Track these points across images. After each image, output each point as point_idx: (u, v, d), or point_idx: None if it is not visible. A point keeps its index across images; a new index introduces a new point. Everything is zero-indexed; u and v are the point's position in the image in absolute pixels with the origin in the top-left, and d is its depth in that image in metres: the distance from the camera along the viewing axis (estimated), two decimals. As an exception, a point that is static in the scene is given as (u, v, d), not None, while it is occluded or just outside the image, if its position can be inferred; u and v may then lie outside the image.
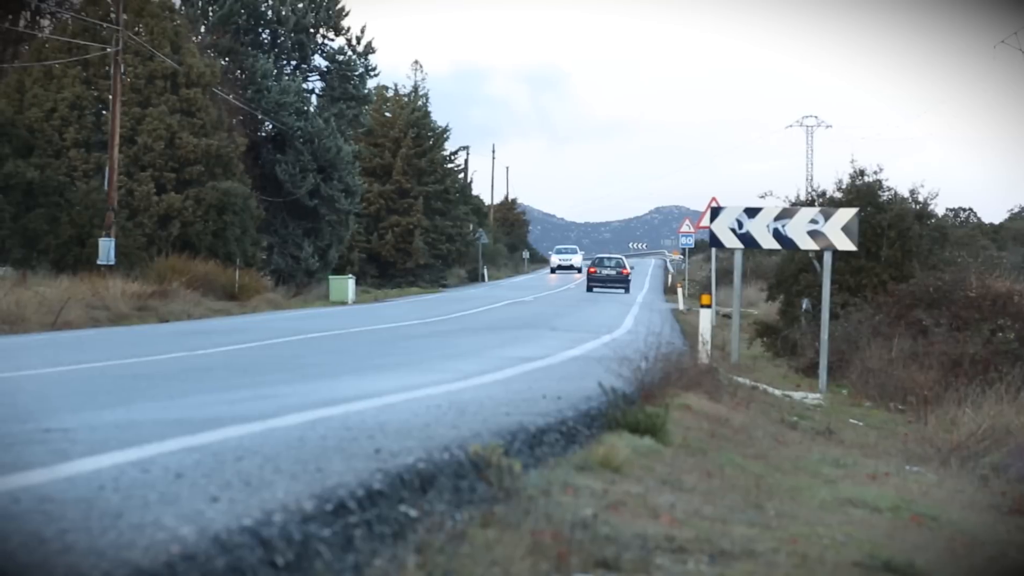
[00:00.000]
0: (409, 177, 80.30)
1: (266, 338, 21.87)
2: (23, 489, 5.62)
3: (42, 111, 48.68)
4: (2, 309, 29.67)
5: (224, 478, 5.98)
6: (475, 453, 7.29)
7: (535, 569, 5.67)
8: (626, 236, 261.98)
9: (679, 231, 65.16)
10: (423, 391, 11.46)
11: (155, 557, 4.42)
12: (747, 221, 23.09)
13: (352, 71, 62.85)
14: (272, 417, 8.83)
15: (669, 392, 12.29)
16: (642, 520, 7.10)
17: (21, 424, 8.44)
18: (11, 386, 12.09)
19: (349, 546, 5.48)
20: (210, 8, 59.90)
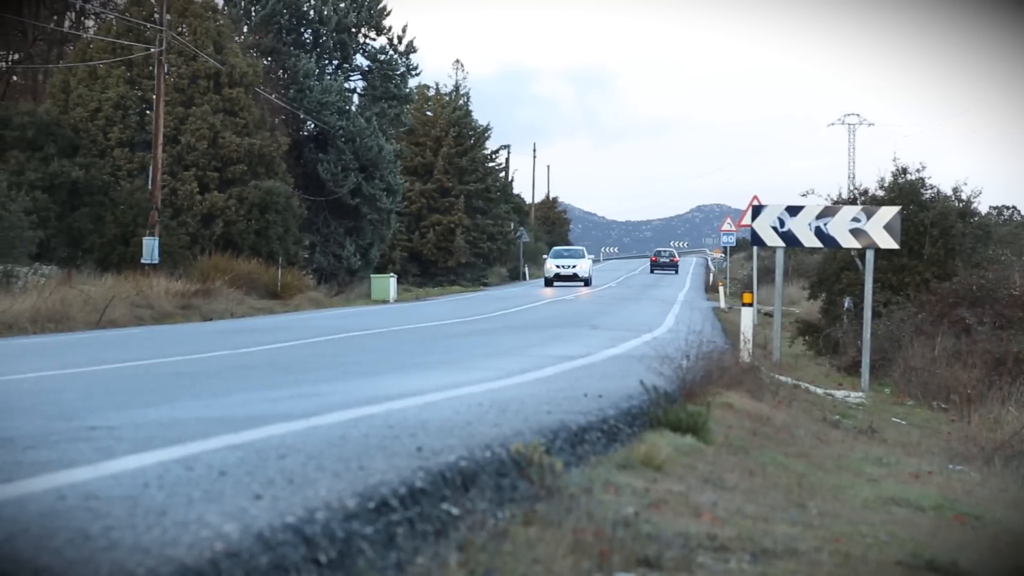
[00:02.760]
0: (450, 176, 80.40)
1: (308, 336, 21.94)
2: (69, 486, 5.66)
3: (87, 111, 48.99)
4: (48, 308, 29.87)
5: (267, 476, 6.02)
6: (517, 451, 7.30)
7: (577, 567, 5.67)
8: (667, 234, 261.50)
9: (720, 229, 65.03)
10: (465, 389, 11.47)
11: (199, 554, 4.45)
12: (789, 219, 23.00)
13: (394, 70, 62.94)
14: (314, 415, 8.86)
15: (711, 391, 12.26)
16: (684, 519, 7.10)
17: (67, 422, 8.51)
18: (57, 384, 12.17)
19: (391, 544, 5.50)
20: (253, 8, 60.12)
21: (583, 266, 66.89)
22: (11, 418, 8.85)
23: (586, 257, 69.36)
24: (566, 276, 66.01)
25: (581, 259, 68.17)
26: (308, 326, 26.61)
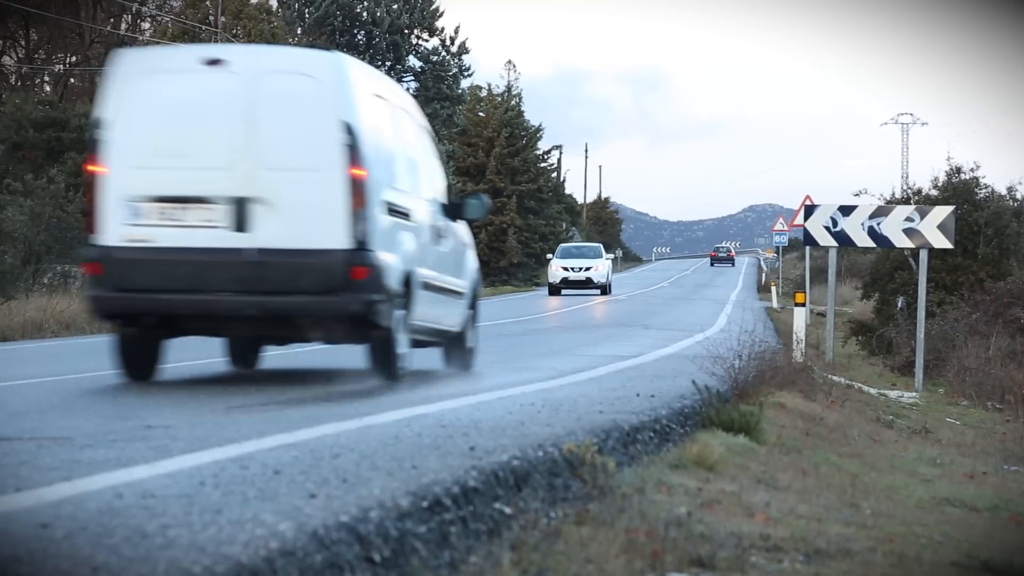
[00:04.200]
0: (502, 176, 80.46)
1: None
2: (126, 484, 5.72)
3: (141, 113, 49.37)
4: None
5: (321, 475, 6.06)
6: (569, 451, 7.32)
7: (629, 567, 5.69)
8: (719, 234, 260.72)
9: (772, 229, 64.83)
10: (517, 389, 11.50)
11: (254, 552, 4.49)
12: (841, 219, 22.91)
13: (446, 71, 63.11)
14: (368, 415, 8.91)
15: (763, 390, 12.24)
16: (737, 518, 7.09)
17: (124, 421, 8.59)
18: (114, 383, 12.28)
19: (445, 543, 5.53)
20: (306, 10, 60.42)
21: (599, 268, 53.57)
22: (70, 417, 8.95)
23: (604, 257, 55.39)
24: (577, 282, 53.04)
25: (597, 259, 54.46)
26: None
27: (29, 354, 18.44)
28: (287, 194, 11.65)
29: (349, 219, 11.56)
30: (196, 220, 11.73)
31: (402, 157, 12.84)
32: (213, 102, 11.89)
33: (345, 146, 11.58)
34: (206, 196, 11.71)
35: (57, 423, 8.54)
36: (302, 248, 11.61)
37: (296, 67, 12.08)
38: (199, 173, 11.77)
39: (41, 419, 8.88)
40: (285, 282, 11.63)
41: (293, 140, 11.74)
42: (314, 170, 11.64)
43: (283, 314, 11.79)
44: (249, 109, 11.75)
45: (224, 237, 11.65)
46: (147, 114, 11.99)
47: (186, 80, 12.05)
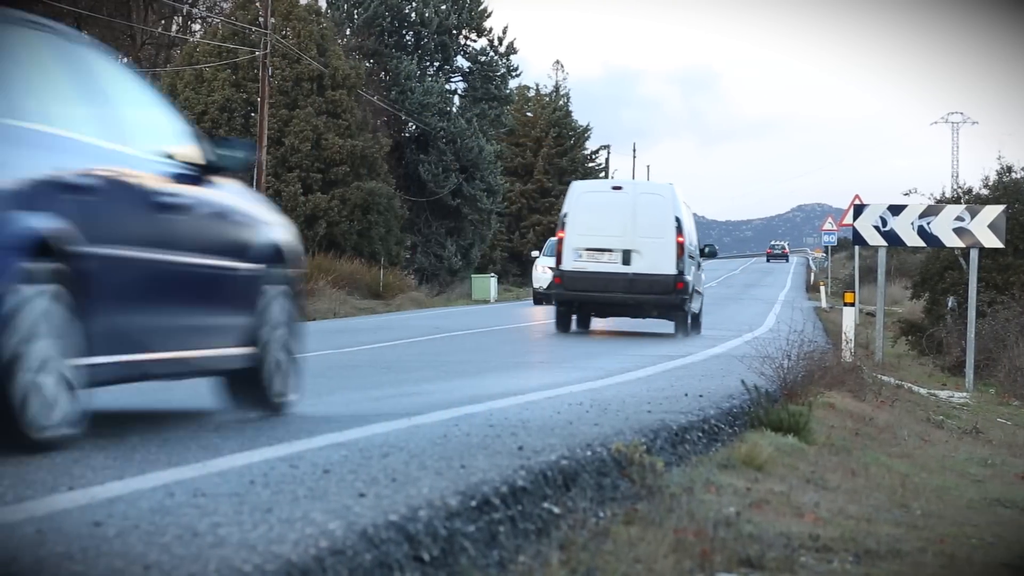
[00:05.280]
0: (550, 176, 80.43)
1: (410, 336, 22.09)
2: (177, 483, 5.76)
3: (193, 114, 49.65)
4: (154, 308, 30.30)
5: (370, 474, 6.08)
6: (617, 451, 7.32)
7: (678, 567, 5.68)
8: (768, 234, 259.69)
9: (821, 229, 64.55)
10: (565, 389, 11.51)
11: (304, 551, 4.51)
12: (891, 219, 22.79)
13: (494, 72, 63.14)
14: (417, 414, 8.93)
15: (812, 390, 12.20)
16: (786, 519, 7.08)
17: (174, 420, 8.65)
18: (163, 383, 12.36)
19: (493, 542, 5.54)
20: (355, 11, 60.59)
21: None
22: (122, 416, 9.01)
23: None
24: None
25: None
26: (410, 326, 26.79)
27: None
28: (648, 248, 23.94)
29: (675, 260, 23.87)
30: (605, 259, 24.26)
31: (691, 233, 25.29)
32: (616, 206, 24.41)
33: (675, 227, 24.06)
34: (611, 248, 24.22)
35: (109, 422, 8.60)
36: (654, 273, 23.88)
37: (655, 191, 25.12)
38: (608, 239, 24.19)
39: (93, 419, 8.95)
40: (646, 289, 23.93)
41: (652, 225, 24.02)
42: (661, 238, 23.95)
43: (644, 304, 24.35)
44: (632, 209, 24.20)
45: (618, 267, 24.16)
46: (585, 210, 24.39)
47: (603, 195, 25.13)
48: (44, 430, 6.71)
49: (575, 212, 24.22)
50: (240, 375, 8.83)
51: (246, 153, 8.81)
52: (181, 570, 4.18)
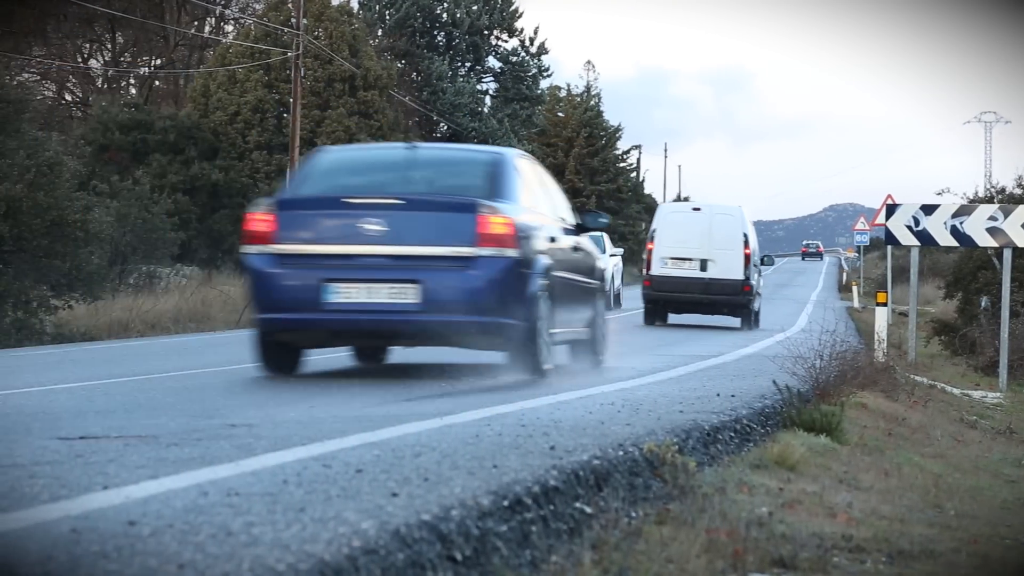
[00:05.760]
0: (582, 176, 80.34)
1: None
2: (211, 482, 5.79)
3: (226, 115, 49.82)
4: (189, 308, 30.47)
5: (403, 474, 6.09)
6: (649, 451, 7.32)
7: (711, 567, 5.68)
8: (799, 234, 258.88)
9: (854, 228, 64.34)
10: (597, 389, 11.49)
11: (337, 550, 4.53)
12: (924, 218, 22.71)
13: (525, 72, 63.16)
14: (449, 414, 8.95)
15: (845, 390, 12.15)
16: (818, 519, 7.06)
17: (208, 420, 8.69)
18: (199, 382, 12.42)
19: (526, 542, 5.55)
20: (387, 12, 60.70)
21: None
22: (156, 416, 9.06)
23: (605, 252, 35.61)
24: None
25: None
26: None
27: (115, 353, 18.68)
28: (721, 258, 28.90)
29: (743, 268, 28.85)
30: (686, 266, 29.15)
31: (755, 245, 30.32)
32: (695, 223, 29.43)
33: (742, 241, 29.11)
34: (691, 257, 29.21)
35: (143, 421, 8.65)
36: (726, 278, 28.87)
37: (727, 212, 29.85)
38: (689, 249, 29.16)
39: (127, 418, 9.00)
40: (719, 291, 28.87)
41: (724, 239, 29.03)
42: (731, 250, 28.95)
43: (717, 303, 29.30)
44: (709, 226, 29.13)
45: (696, 273, 29.12)
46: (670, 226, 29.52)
47: (685, 215, 30.29)
48: (543, 365, 12.36)
49: (662, 228, 29.80)
50: (582, 344, 14.35)
51: (600, 221, 14.95)
52: (215, 569, 4.20)
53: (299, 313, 11.81)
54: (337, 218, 11.81)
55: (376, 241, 11.59)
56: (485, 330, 11.77)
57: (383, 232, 11.57)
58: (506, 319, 11.65)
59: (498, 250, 11.53)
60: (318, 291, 11.67)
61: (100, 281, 27.99)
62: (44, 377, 13.56)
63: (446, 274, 11.55)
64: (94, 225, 27.01)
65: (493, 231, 11.53)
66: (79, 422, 8.71)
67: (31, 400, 10.61)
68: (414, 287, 11.56)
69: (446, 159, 13.73)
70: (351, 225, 11.69)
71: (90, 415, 9.22)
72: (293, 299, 11.78)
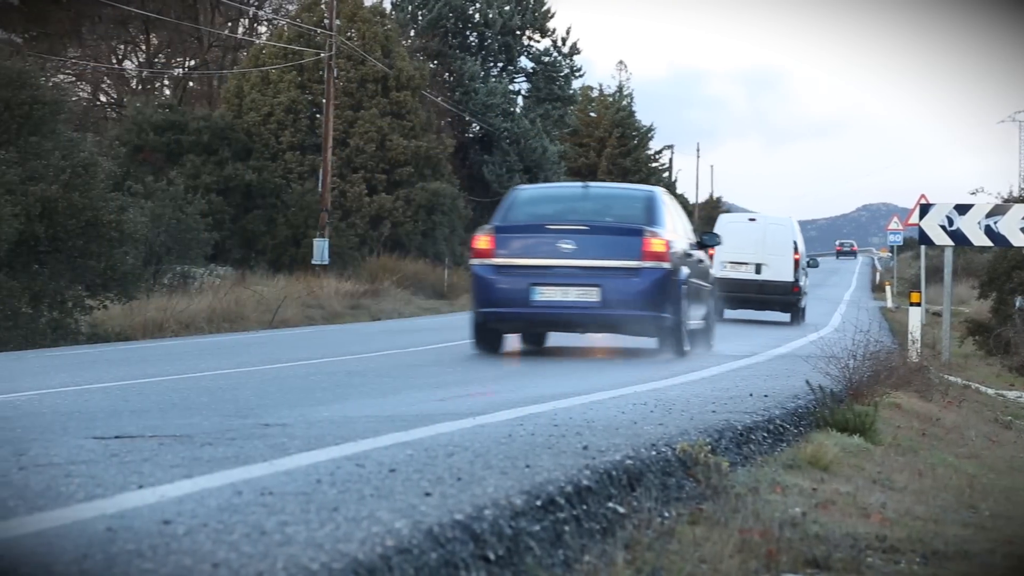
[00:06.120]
0: (614, 176, 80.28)
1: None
2: (245, 482, 5.81)
3: (259, 115, 49.96)
4: (223, 308, 30.57)
5: (436, 473, 6.11)
6: (682, 451, 7.31)
7: (744, 567, 5.67)
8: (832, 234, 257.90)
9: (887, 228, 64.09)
10: (629, 388, 11.49)
11: (371, 550, 4.54)
12: (957, 218, 22.61)
13: (558, 72, 63.15)
14: (481, 414, 8.96)
15: (878, 391, 12.11)
16: (852, 519, 7.04)
17: (242, 419, 8.72)
18: (233, 382, 12.47)
19: (559, 542, 5.55)
20: (419, 12, 60.77)
21: None
22: (190, 415, 9.10)
23: None
24: None
25: None
26: (474, 326, 26.75)
27: (149, 353, 18.77)
28: (773, 262, 32.15)
29: (793, 271, 32.22)
30: (743, 269, 32.07)
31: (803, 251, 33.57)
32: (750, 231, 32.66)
33: (792, 248, 32.59)
34: (747, 261, 32.30)
35: (177, 421, 8.69)
36: (778, 280, 32.16)
37: (778, 222, 33.43)
38: (745, 255, 32.02)
39: (162, 417, 9.05)
40: (772, 291, 32.07)
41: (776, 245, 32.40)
42: (782, 255, 32.19)
43: (770, 301, 32.44)
44: (763, 234, 32.41)
45: (752, 275, 32.38)
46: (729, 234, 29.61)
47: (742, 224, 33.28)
48: (684, 348, 16.30)
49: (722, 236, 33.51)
50: (699, 333, 17.69)
51: (715, 240, 19.26)
52: (249, 568, 4.22)
53: (512, 308, 15.96)
54: (539, 239, 15.92)
55: (568, 256, 15.76)
56: (646, 322, 15.93)
57: (573, 249, 15.77)
58: (661, 314, 15.83)
59: (656, 263, 15.80)
60: (527, 292, 15.79)
61: (135, 281, 28.11)
62: (79, 377, 13.63)
63: (619, 280, 15.72)
64: (129, 225, 27.13)
65: (653, 249, 15.77)
66: (114, 421, 8.76)
67: (67, 399, 10.67)
68: (596, 289, 15.72)
69: (612, 195, 18.14)
70: (550, 244, 15.87)
71: (125, 414, 9.27)
72: (508, 298, 15.90)
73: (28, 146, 26.70)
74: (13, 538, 4.62)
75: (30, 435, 7.93)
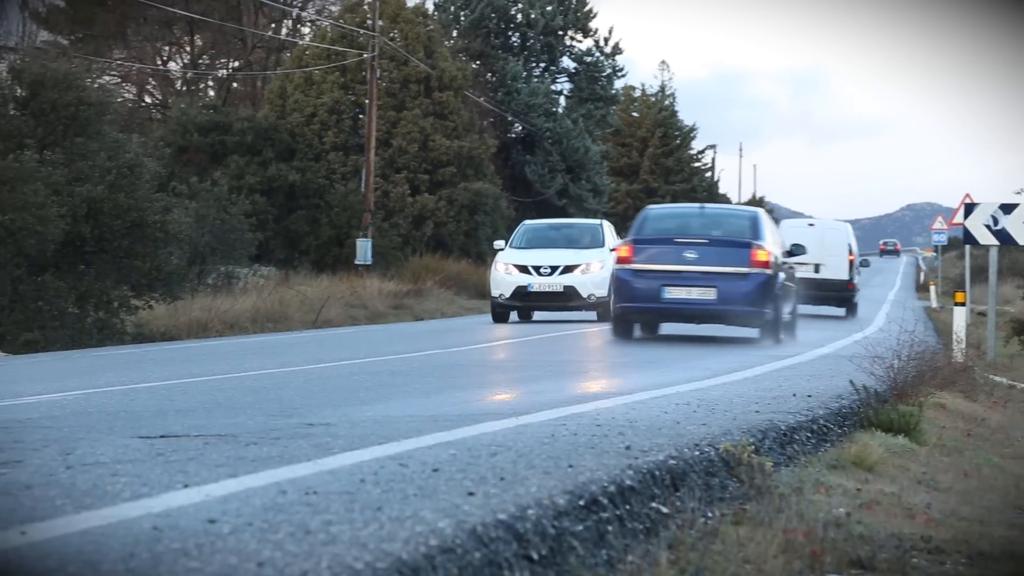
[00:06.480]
0: (656, 176, 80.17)
1: (518, 336, 22.13)
2: (289, 481, 5.84)
3: (303, 116, 50.11)
4: (267, 308, 30.69)
5: (479, 473, 6.12)
6: (726, 451, 7.30)
7: (788, 567, 5.66)
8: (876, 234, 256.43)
9: (931, 228, 63.73)
10: (672, 388, 11.47)
11: (415, 549, 4.55)
12: (1002, 217, 22.47)
13: (600, 72, 63.06)
14: (524, 413, 8.97)
15: (923, 391, 12.04)
16: (897, 520, 7.02)
17: (286, 419, 8.76)
18: (277, 382, 12.52)
19: (602, 542, 5.56)
20: (462, 13, 60.82)
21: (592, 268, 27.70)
22: (235, 415, 9.14)
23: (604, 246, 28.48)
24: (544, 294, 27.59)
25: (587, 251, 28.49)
26: (517, 325, 26.80)
27: (194, 353, 18.86)
28: (830, 263, 34.50)
29: (848, 270, 34.89)
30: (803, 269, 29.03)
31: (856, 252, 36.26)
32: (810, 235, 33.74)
33: (847, 250, 35.15)
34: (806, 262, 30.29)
35: (222, 421, 8.74)
36: (834, 278, 34.48)
37: (835, 227, 36.90)
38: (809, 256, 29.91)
39: (207, 417, 9.09)
40: (829, 288, 34.38)
41: (833, 246, 34.95)
42: (839, 256, 34.81)
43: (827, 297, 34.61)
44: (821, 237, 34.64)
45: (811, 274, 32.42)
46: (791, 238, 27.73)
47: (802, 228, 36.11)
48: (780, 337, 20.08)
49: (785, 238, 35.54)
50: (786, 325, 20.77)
51: (801, 249, 22.31)
52: (294, 567, 4.24)
53: (647, 303, 19.79)
54: (668, 249, 19.68)
55: (691, 263, 19.52)
56: (752, 316, 19.70)
57: (695, 258, 19.50)
58: (764, 309, 19.57)
59: (761, 270, 19.55)
60: (659, 291, 19.59)
61: (179, 281, 28.27)
62: (125, 376, 13.72)
63: (731, 283, 19.45)
64: (173, 226, 27.28)
65: (759, 258, 19.55)
66: (160, 421, 8.82)
67: (113, 399, 10.74)
68: (713, 289, 19.45)
69: (722, 214, 22.14)
70: (677, 253, 19.62)
71: (170, 414, 9.33)
72: (644, 295, 19.70)
73: (74, 147, 26.90)
74: (60, 536, 4.66)
75: (77, 434, 8.00)
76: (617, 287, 20.01)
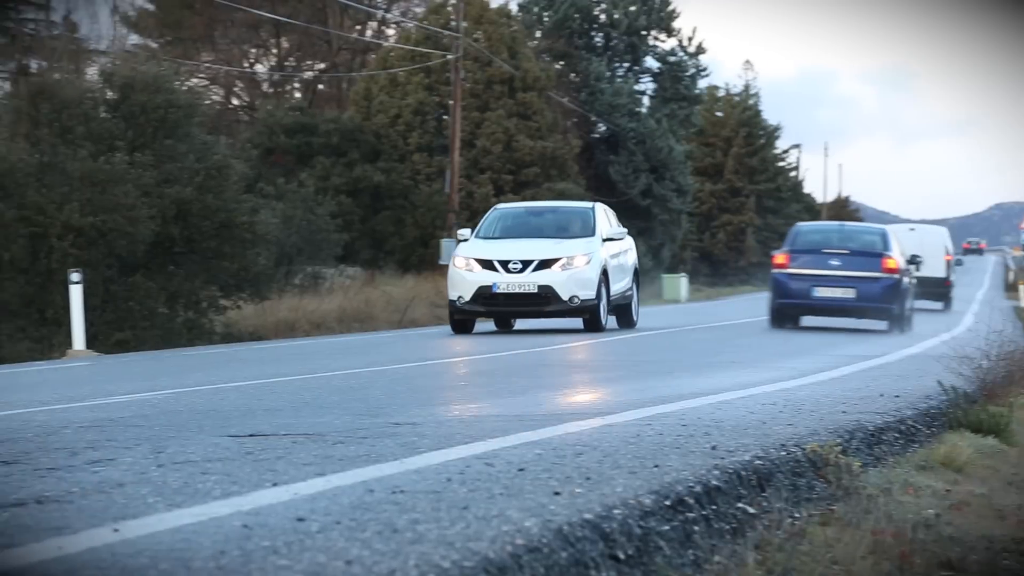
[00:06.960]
0: (740, 176, 79.80)
1: (600, 336, 22.08)
2: (376, 480, 5.88)
3: (388, 117, 50.36)
4: (353, 308, 30.91)
5: (564, 473, 6.12)
6: (813, 451, 7.26)
7: (876, 569, 5.62)
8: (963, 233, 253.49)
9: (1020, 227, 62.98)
10: (758, 388, 11.41)
11: (501, 548, 4.57)
12: (1097, 215, 22.22)
13: (683, 72, 62.84)
14: (609, 413, 8.96)
15: (1013, 391, 11.89)
16: (987, 521, 6.94)
17: (372, 418, 8.81)
18: (363, 381, 12.59)
19: (688, 542, 5.55)
20: (545, 14, 60.85)
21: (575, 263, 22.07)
22: (322, 414, 9.21)
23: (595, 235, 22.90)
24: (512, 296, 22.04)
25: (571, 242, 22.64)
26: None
27: (281, 353, 19.02)
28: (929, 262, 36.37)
29: (945, 269, 40.06)
30: None
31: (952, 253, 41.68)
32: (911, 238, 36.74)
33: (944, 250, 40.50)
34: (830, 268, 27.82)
35: (310, 420, 8.80)
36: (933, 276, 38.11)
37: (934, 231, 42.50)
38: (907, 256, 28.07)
39: (295, 416, 9.17)
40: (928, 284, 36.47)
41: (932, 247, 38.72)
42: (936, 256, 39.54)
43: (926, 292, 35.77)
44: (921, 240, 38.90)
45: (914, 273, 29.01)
46: None
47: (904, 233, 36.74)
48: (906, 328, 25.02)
49: None
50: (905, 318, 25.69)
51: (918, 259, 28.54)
52: (382, 565, 4.27)
53: (800, 300, 24.77)
54: (817, 257, 24.58)
55: (836, 268, 24.32)
56: (883, 311, 24.42)
57: (838, 264, 24.33)
58: (893, 306, 24.33)
59: (891, 275, 24.32)
60: (809, 290, 24.52)
61: (267, 281, 28.54)
62: (214, 376, 13.86)
63: (867, 284, 24.19)
64: (261, 227, 27.54)
65: (889, 265, 24.37)
66: (248, 420, 8.90)
67: (202, 398, 10.85)
68: (853, 290, 24.24)
69: (858, 230, 27.32)
70: (825, 260, 24.54)
71: (259, 413, 9.41)
72: (797, 294, 24.66)
73: (163, 149, 27.22)
74: (152, 533, 4.73)
75: (167, 433, 8.10)
76: (775, 287, 25.12)
